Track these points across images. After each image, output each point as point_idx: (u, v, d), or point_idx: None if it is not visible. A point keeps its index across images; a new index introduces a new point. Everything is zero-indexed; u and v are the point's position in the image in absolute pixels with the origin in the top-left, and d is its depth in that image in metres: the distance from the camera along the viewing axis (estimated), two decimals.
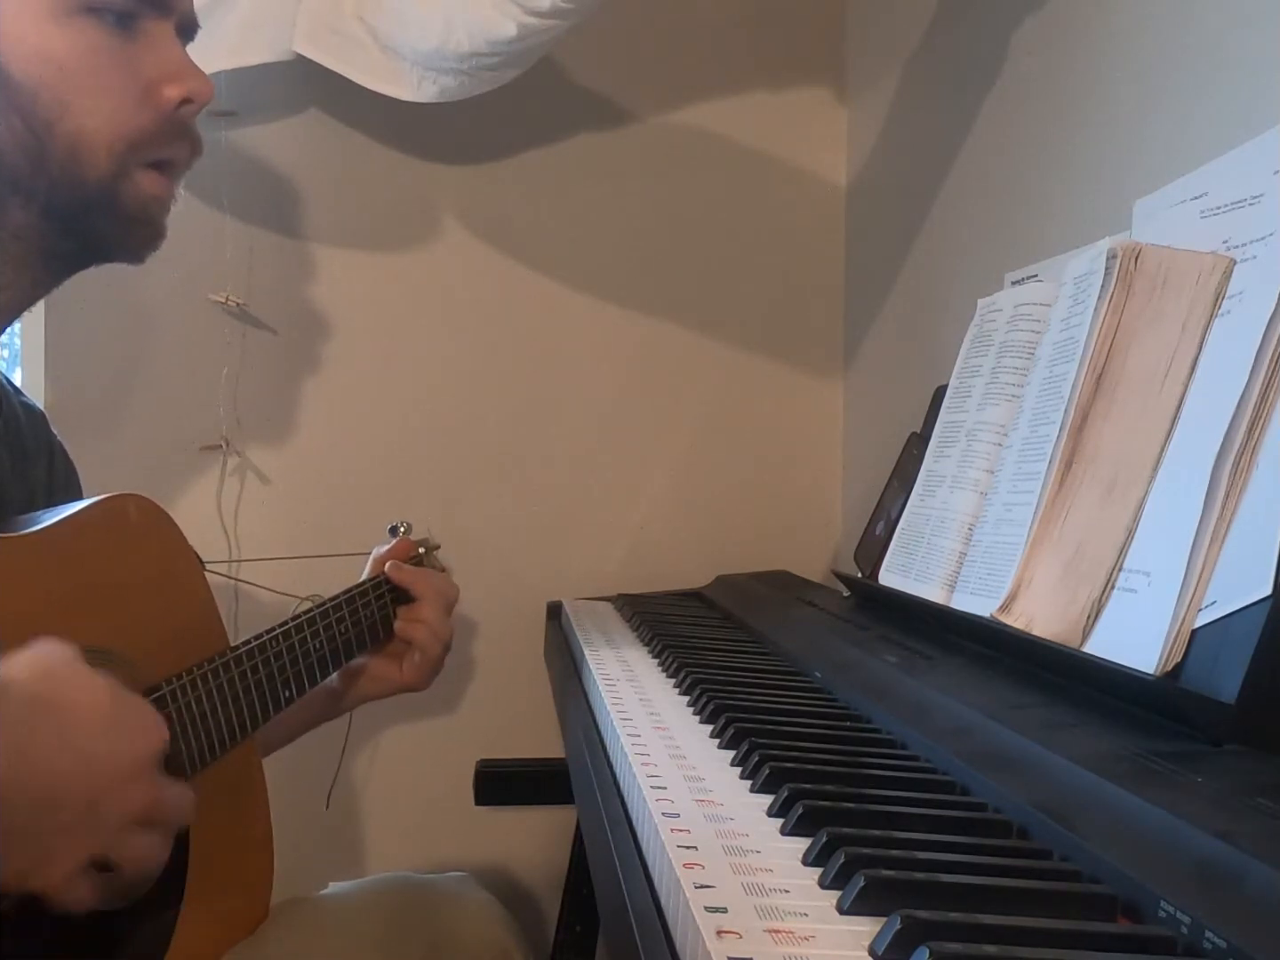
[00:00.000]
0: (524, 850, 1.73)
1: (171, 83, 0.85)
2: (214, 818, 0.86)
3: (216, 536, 1.64)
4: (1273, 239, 0.75)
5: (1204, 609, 0.68)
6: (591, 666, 1.06)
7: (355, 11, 1.49)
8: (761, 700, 0.90)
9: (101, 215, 0.85)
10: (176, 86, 0.85)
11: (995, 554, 0.92)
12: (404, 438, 1.72)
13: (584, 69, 1.75)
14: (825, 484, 1.83)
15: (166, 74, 0.85)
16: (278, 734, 1.09)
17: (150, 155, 0.85)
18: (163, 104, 0.85)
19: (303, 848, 1.28)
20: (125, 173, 0.84)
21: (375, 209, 1.72)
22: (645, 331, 1.78)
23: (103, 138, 0.82)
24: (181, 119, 0.86)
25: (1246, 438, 0.70)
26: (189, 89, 0.86)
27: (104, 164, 0.83)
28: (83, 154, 0.82)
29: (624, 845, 0.64)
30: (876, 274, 1.71)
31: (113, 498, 0.84)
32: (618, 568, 1.75)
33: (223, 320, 1.66)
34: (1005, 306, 1.08)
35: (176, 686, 0.82)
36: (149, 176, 0.86)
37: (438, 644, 1.13)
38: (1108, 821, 0.56)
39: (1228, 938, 0.44)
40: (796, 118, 1.82)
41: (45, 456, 0.97)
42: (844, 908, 0.50)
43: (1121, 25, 1.12)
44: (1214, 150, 0.86)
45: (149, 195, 0.86)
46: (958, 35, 1.48)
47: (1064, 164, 1.21)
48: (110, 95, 0.83)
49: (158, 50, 0.85)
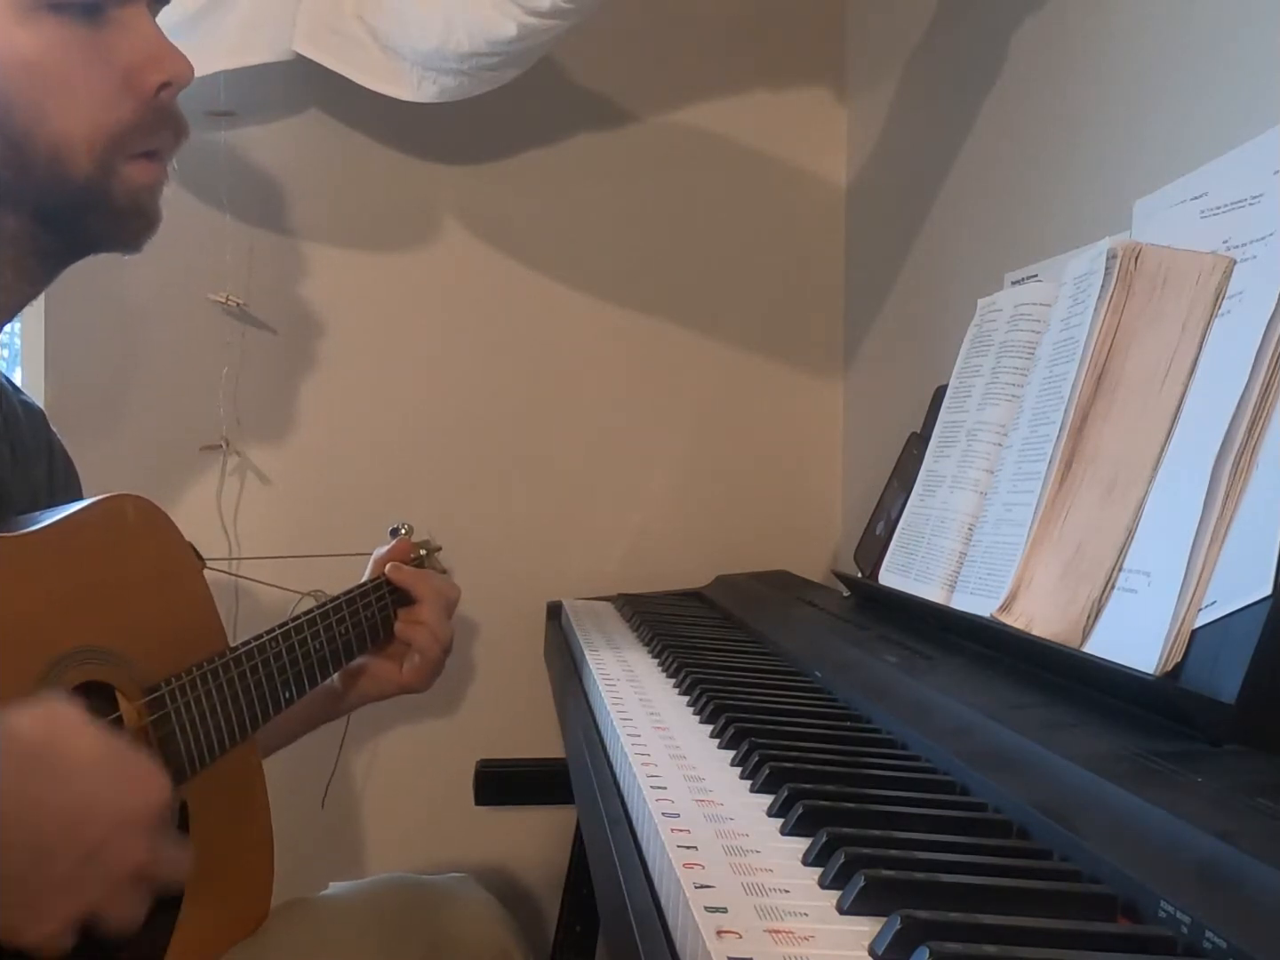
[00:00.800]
0: (524, 850, 1.73)
1: (149, 68, 0.81)
2: (214, 819, 0.86)
3: (216, 536, 1.64)
4: (1273, 239, 0.75)
5: (1204, 609, 0.68)
6: (591, 666, 1.06)
7: (355, 11, 1.49)
8: (761, 700, 0.90)
9: (93, 213, 0.83)
10: (154, 71, 0.82)
11: (995, 554, 0.92)
12: (403, 437, 1.72)
13: (584, 69, 1.75)
14: (825, 484, 1.83)
15: (142, 59, 0.81)
16: (278, 735, 1.09)
17: (136, 147, 0.83)
18: (142, 91, 0.81)
19: (303, 848, 1.28)
20: (112, 169, 0.82)
21: (375, 209, 1.72)
22: (645, 331, 1.78)
23: (82, 137, 0.80)
24: (162, 104, 0.83)
25: (1246, 438, 0.70)
26: (167, 72, 0.82)
27: (87, 164, 0.80)
28: (65, 156, 0.80)
29: (624, 845, 0.64)
30: (876, 274, 1.71)
31: (111, 498, 0.84)
32: (618, 568, 1.75)
33: (222, 320, 1.66)
34: (1005, 306, 1.08)
35: (176, 686, 0.82)
36: (137, 166, 0.83)
37: (437, 646, 1.13)
38: (1108, 821, 0.56)
39: (1228, 938, 0.44)
40: (796, 118, 1.82)
41: (45, 455, 0.96)
42: (844, 908, 0.50)
43: (1121, 25, 1.12)
44: (1214, 150, 0.86)
45: (139, 185, 0.83)
46: (958, 35, 1.48)
47: (1064, 164, 1.21)
48: (86, 93, 0.80)
49: (130, 35, 0.81)
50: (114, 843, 0.63)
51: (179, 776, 0.81)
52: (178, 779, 0.81)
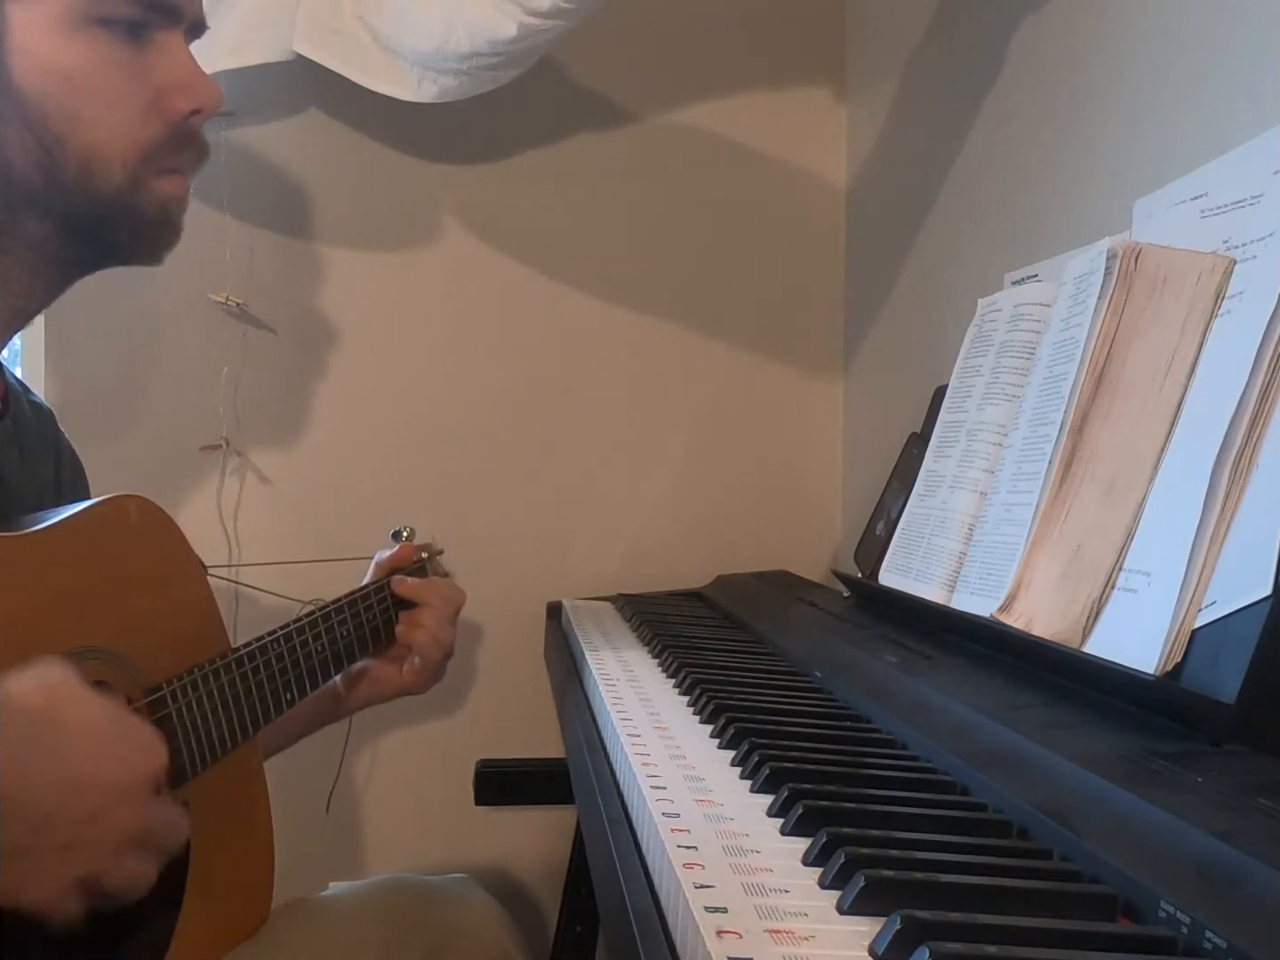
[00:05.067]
0: (524, 850, 1.73)
1: (182, 93, 0.85)
2: (215, 820, 0.86)
3: (216, 537, 1.64)
4: (1273, 239, 0.75)
5: (1204, 609, 0.68)
6: (591, 666, 1.06)
7: (355, 11, 1.49)
8: (761, 700, 0.90)
9: (121, 224, 0.85)
10: (187, 98, 0.85)
11: (995, 554, 0.92)
12: (404, 437, 1.72)
13: (584, 69, 1.75)
14: (825, 484, 1.83)
15: (176, 84, 0.84)
16: (279, 737, 1.09)
17: (161, 164, 0.85)
18: (172, 115, 0.84)
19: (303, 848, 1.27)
20: (141, 182, 0.84)
21: (375, 209, 1.72)
22: (645, 331, 1.78)
23: (115, 151, 0.82)
24: (190, 128, 0.86)
25: (1246, 438, 0.70)
26: (199, 100, 0.85)
27: (119, 177, 0.83)
28: (96, 167, 0.82)
29: (624, 845, 0.64)
30: (877, 274, 1.71)
31: (114, 498, 0.84)
32: (618, 568, 1.75)
33: (223, 320, 1.66)
34: (1005, 306, 1.08)
35: (177, 687, 0.82)
36: (164, 180, 0.86)
37: (437, 649, 1.13)
38: (1108, 821, 0.56)
39: (1228, 938, 0.44)
40: (796, 118, 1.82)
41: (52, 455, 0.97)
42: (844, 908, 0.50)
43: (1121, 25, 1.12)
44: (1214, 150, 0.86)
45: (167, 196, 0.86)
46: (958, 35, 1.48)
47: (1064, 164, 1.21)
48: (121, 107, 0.82)
49: (168, 60, 0.84)
50: (113, 808, 0.64)
51: (180, 777, 0.81)
52: (179, 780, 0.81)
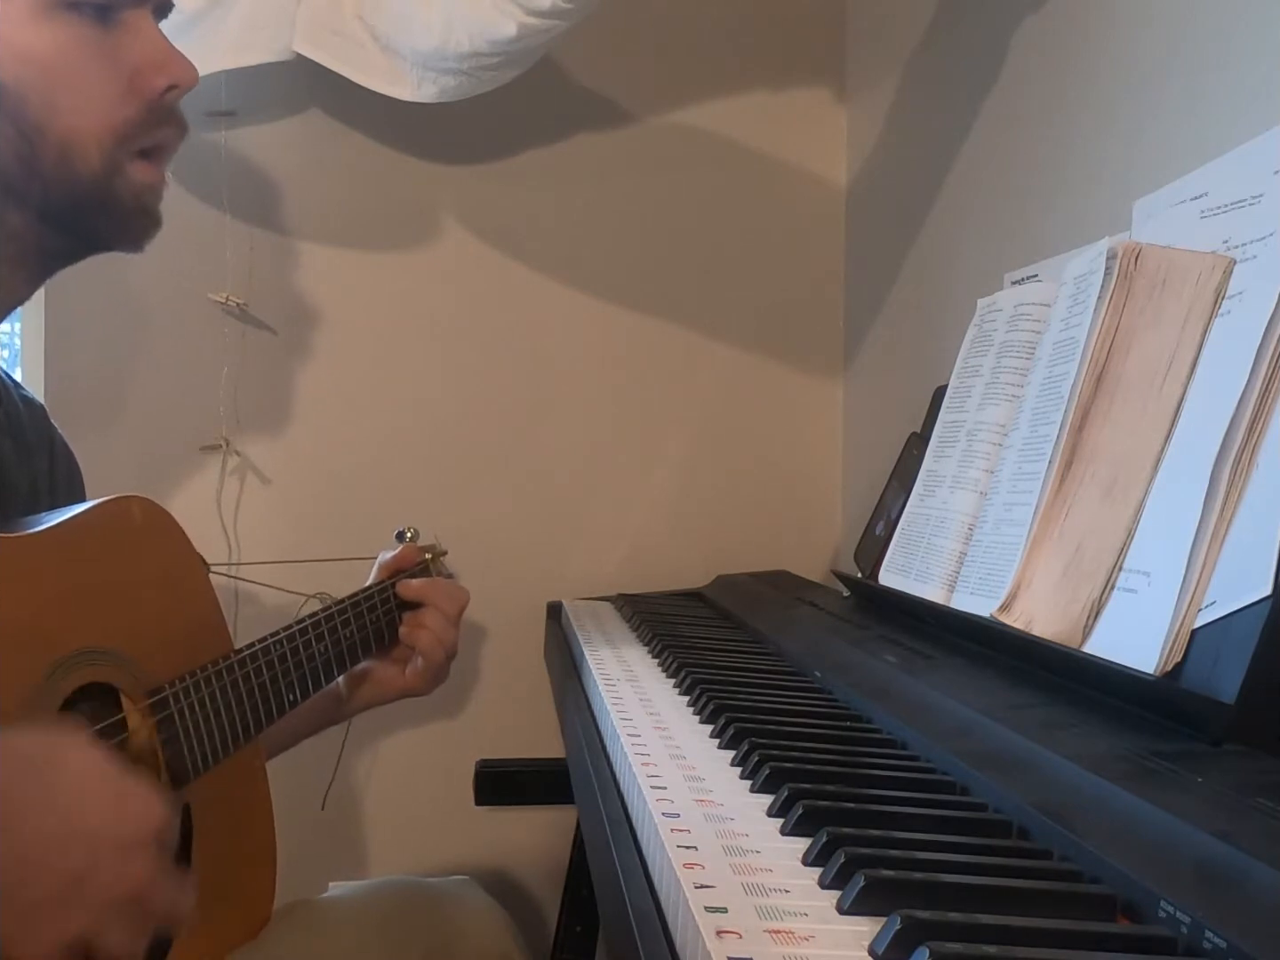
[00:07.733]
0: (524, 850, 1.73)
1: (156, 71, 0.85)
2: (217, 822, 0.86)
3: (216, 536, 1.64)
4: (1273, 239, 0.75)
5: (1204, 609, 0.68)
6: (591, 666, 1.06)
7: (355, 11, 1.49)
8: (761, 700, 0.90)
9: (98, 212, 0.85)
10: (162, 75, 0.85)
11: (995, 554, 0.92)
12: (403, 437, 1.72)
13: (584, 69, 1.75)
14: (825, 484, 1.83)
15: (150, 63, 0.85)
16: (281, 738, 1.08)
17: (139, 144, 0.85)
18: (149, 93, 0.85)
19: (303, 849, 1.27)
20: (118, 167, 0.84)
21: (375, 209, 1.72)
22: (645, 331, 1.78)
23: (92, 134, 0.83)
24: (166, 105, 0.86)
25: (1246, 438, 0.70)
26: (173, 76, 0.86)
27: (95, 161, 0.83)
28: (74, 153, 0.82)
29: (624, 845, 0.64)
30: (876, 274, 1.71)
31: (117, 499, 0.84)
32: (618, 568, 1.75)
33: (222, 320, 1.66)
34: (1005, 306, 1.08)
35: (180, 688, 0.82)
36: (140, 167, 0.86)
37: (441, 650, 1.13)
38: (1108, 821, 0.56)
39: (1228, 938, 0.44)
40: (796, 118, 1.82)
41: (46, 449, 0.97)
42: (844, 908, 0.50)
43: (1121, 25, 1.12)
44: (1214, 150, 0.86)
45: (143, 185, 0.86)
46: (957, 35, 1.48)
47: (1064, 164, 1.21)
48: (96, 90, 0.83)
49: (139, 39, 0.85)
50: (104, 866, 0.60)
51: (182, 778, 0.81)
52: (181, 781, 0.81)
